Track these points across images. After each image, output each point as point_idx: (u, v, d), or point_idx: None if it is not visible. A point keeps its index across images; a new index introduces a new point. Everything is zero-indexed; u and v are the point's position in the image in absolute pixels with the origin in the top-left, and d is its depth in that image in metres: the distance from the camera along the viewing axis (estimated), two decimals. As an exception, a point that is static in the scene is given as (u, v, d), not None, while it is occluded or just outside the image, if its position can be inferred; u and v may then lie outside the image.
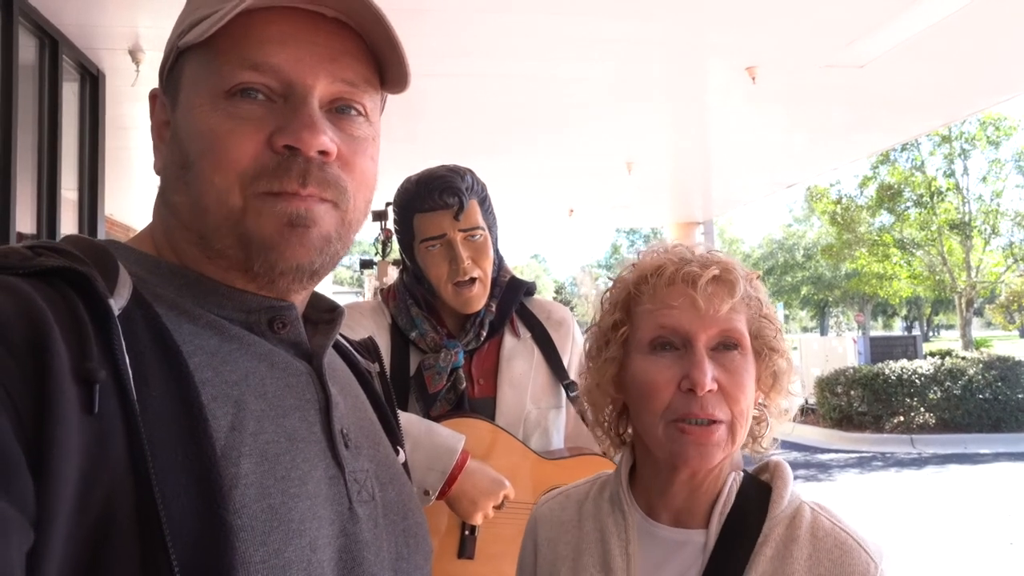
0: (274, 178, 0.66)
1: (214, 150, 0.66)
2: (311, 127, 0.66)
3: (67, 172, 4.20)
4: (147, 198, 0.69)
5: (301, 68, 0.67)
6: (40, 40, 3.96)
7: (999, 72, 5.31)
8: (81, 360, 0.54)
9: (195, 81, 0.68)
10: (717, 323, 0.92)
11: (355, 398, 0.80)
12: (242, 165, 0.66)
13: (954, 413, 10.94)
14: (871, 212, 18.63)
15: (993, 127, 17.69)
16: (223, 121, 0.66)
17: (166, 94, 0.73)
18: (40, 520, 0.49)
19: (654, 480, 0.99)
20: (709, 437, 0.90)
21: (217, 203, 0.66)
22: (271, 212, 0.66)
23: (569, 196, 9.74)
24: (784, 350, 0.98)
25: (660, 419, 0.93)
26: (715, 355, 0.93)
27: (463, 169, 1.64)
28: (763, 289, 0.99)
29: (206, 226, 0.67)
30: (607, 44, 4.54)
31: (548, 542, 1.05)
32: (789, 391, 1.00)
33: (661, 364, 0.93)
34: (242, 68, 0.66)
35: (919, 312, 42.26)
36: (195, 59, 0.69)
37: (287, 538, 0.61)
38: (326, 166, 0.68)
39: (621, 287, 1.01)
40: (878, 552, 0.92)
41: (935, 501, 7.57)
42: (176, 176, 0.69)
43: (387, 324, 1.69)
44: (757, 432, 1.02)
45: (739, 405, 0.92)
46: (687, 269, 0.95)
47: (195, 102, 0.67)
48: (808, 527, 0.93)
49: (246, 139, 0.66)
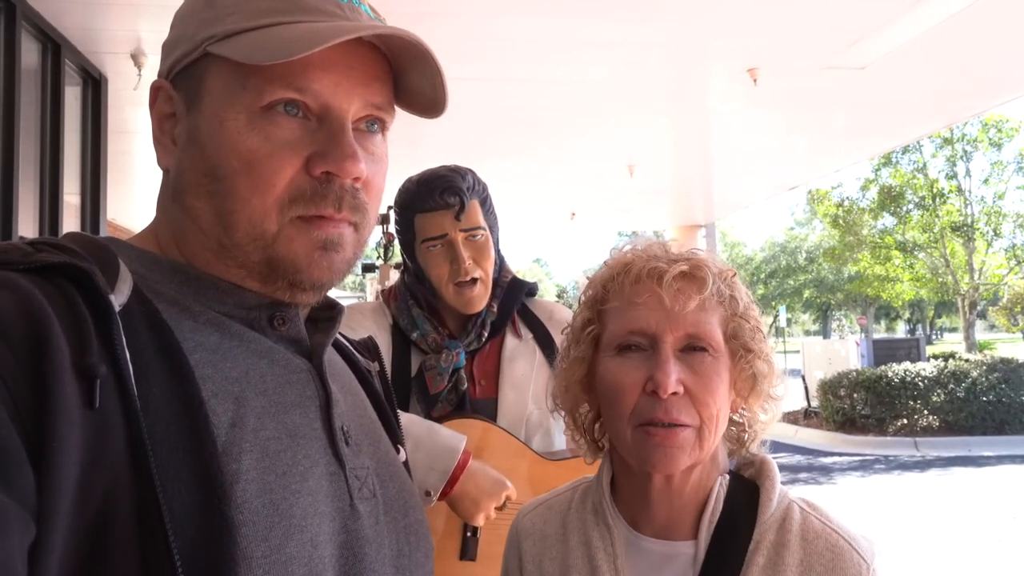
0: (312, 203, 0.67)
1: (250, 171, 0.66)
2: (353, 157, 0.67)
3: (69, 176, 4.21)
4: (149, 202, 0.68)
5: (339, 93, 0.68)
6: (42, 44, 3.97)
7: (1000, 74, 5.31)
8: (81, 355, 0.54)
9: (226, 92, 0.67)
10: (684, 323, 0.88)
11: (355, 396, 0.80)
12: (279, 190, 0.66)
13: (958, 416, 10.91)
14: (873, 214, 18.63)
15: (995, 129, 17.70)
16: (262, 143, 0.66)
17: (177, 89, 0.71)
18: (41, 514, 0.49)
19: (634, 490, 0.95)
20: (673, 440, 0.86)
21: (250, 223, 0.67)
22: (306, 238, 0.68)
23: (571, 200, 9.74)
24: (763, 351, 0.93)
25: (628, 423, 0.89)
26: (683, 356, 0.89)
27: (464, 169, 1.64)
28: (740, 287, 0.94)
29: (231, 239, 0.68)
30: (608, 47, 4.54)
31: (533, 558, 1.01)
32: (771, 395, 0.95)
33: (628, 365, 0.90)
34: (285, 90, 0.66)
35: (922, 314, 42.20)
36: (228, 69, 0.67)
37: (288, 533, 0.61)
38: (358, 192, 0.69)
39: (591, 286, 0.98)
40: (870, 551, 0.90)
41: (939, 504, 7.54)
42: (198, 183, 0.68)
43: (388, 325, 1.69)
44: (744, 437, 0.98)
45: (708, 409, 0.87)
46: (653, 265, 0.91)
47: (227, 114, 0.67)
48: (798, 530, 0.91)
49: (285, 164, 0.66)
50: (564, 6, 3.98)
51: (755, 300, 0.97)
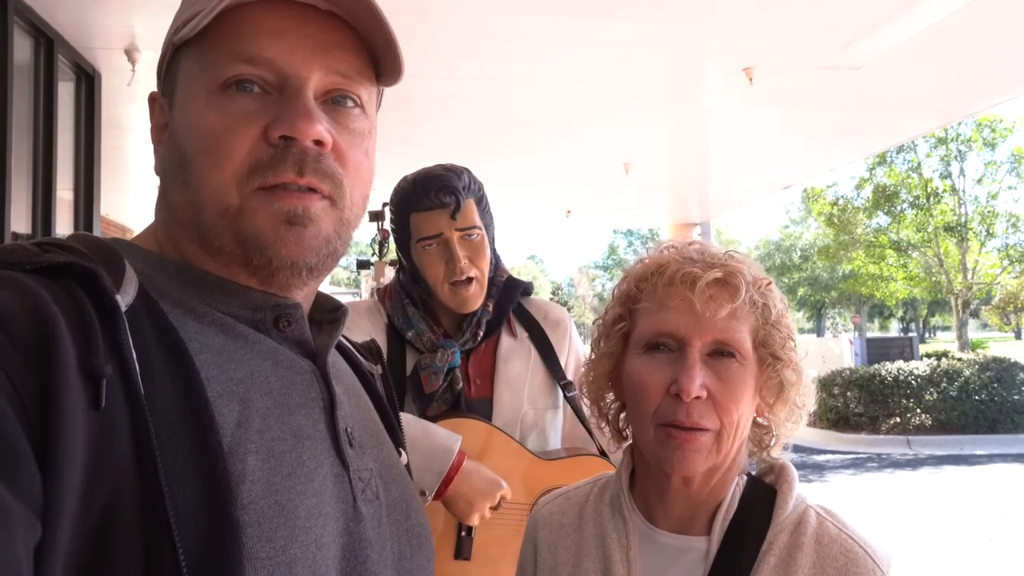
0: (269, 170, 0.65)
1: (210, 149, 0.66)
2: (306, 116, 0.66)
3: (62, 172, 4.19)
4: (143, 199, 0.68)
5: (295, 60, 0.67)
6: (35, 39, 3.95)
7: (995, 74, 5.32)
8: (88, 355, 0.54)
9: (190, 78, 0.69)
10: (714, 329, 0.89)
11: (358, 398, 0.80)
12: (237, 162, 0.65)
13: (950, 414, 10.96)
14: (868, 214, 18.68)
15: (989, 129, 17.75)
16: (219, 118, 0.66)
17: (163, 95, 0.73)
18: (47, 514, 0.49)
19: (652, 485, 0.97)
20: (692, 443, 0.88)
21: (212, 201, 0.66)
22: (268, 210, 0.66)
23: (566, 197, 9.74)
24: (791, 360, 0.93)
25: (650, 422, 0.91)
26: (710, 361, 0.90)
27: (460, 168, 1.64)
28: (775, 296, 0.94)
29: (203, 224, 0.67)
30: (604, 46, 4.54)
31: (548, 546, 1.03)
32: (796, 403, 0.96)
33: (654, 366, 0.91)
34: (236, 61, 0.66)
35: (915, 313, 42.34)
36: (189, 56, 0.69)
37: (293, 535, 0.61)
38: (322, 157, 0.67)
39: (625, 281, 0.99)
40: (886, 559, 0.90)
41: (931, 502, 7.57)
42: (174, 175, 0.69)
43: (383, 324, 1.68)
44: (765, 441, 0.99)
45: (730, 416, 0.89)
46: (687, 269, 0.91)
47: (190, 99, 0.68)
48: (813, 533, 0.91)
49: (241, 135, 0.65)
50: (560, 5, 3.97)
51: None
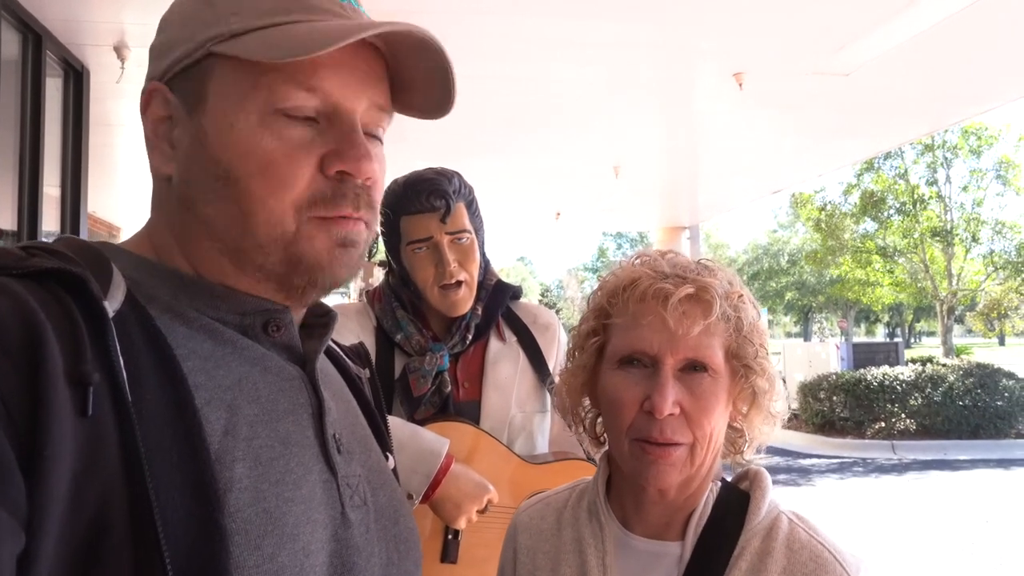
0: (332, 205, 0.68)
1: (266, 173, 0.66)
2: (367, 156, 0.69)
3: (50, 168, 4.15)
4: (130, 196, 0.67)
5: (347, 93, 0.69)
6: (23, 35, 3.92)
7: (983, 82, 5.37)
8: (75, 362, 0.54)
9: (236, 93, 0.67)
10: (686, 347, 0.90)
11: (346, 403, 0.80)
12: (298, 191, 0.67)
13: (934, 419, 11.03)
14: (855, 219, 18.82)
15: (975, 136, 17.92)
16: (277, 144, 0.66)
17: (173, 91, 0.70)
18: (32, 522, 0.49)
19: (628, 493, 0.98)
20: (667, 458, 0.90)
21: (268, 225, 0.67)
22: (326, 236, 0.68)
23: (556, 199, 9.75)
24: (765, 369, 0.94)
25: (624, 436, 0.92)
26: (683, 376, 0.91)
27: (450, 172, 1.64)
28: (747, 308, 0.94)
29: (249, 243, 0.67)
30: (595, 47, 4.55)
31: (527, 551, 1.04)
32: (770, 412, 0.97)
33: (628, 381, 0.92)
34: (298, 89, 0.66)
35: (901, 319, 42.64)
36: (235, 69, 0.67)
37: (281, 542, 0.61)
38: (369, 190, 0.71)
39: (599, 294, 1.00)
40: (855, 566, 0.91)
41: (914, 507, 7.63)
42: (209, 188, 0.67)
43: (372, 326, 1.68)
44: (739, 444, 1.00)
45: (703, 429, 0.90)
46: (659, 285, 0.91)
47: (238, 115, 0.66)
48: (784, 539, 0.92)
49: (302, 165, 0.67)
50: (552, 6, 3.97)
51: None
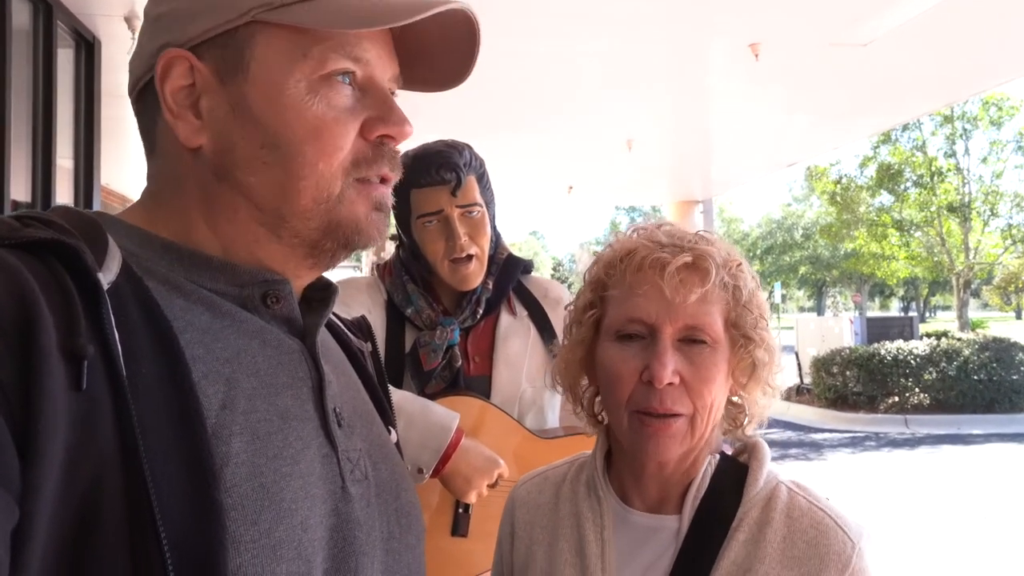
0: (372, 166, 0.71)
1: (320, 138, 0.67)
2: (407, 120, 0.73)
3: (62, 141, 4.16)
4: (143, 168, 0.66)
5: (380, 65, 0.72)
6: (34, 5, 3.90)
7: (1003, 53, 5.27)
8: (69, 336, 0.53)
9: (285, 60, 0.67)
10: (684, 315, 0.89)
11: (347, 377, 0.79)
12: (344, 154, 0.69)
13: (948, 394, 10.98)
14: (871, 192, 18.62)
15: (995, 107, 17.63)
16: (327, 109, 0.68)
17: (202, 59, 0.67)
18: (26, 497, 0.48)
19: (627, 467, 0.98)
20: (666, 430, 0.89)
21: (317, 189, 0.68)
22: (365, 199, 0.71)
23: (568, 173, 9.70)
24: (763, 340, 0.93)
25: (624, 409, 0.91)
26: (681, 347, 0.90)
27: (461, 144, 1.62)
28: (746, 276, 0.94)
29: (295, 207, 0.68)
30: (609, 21, 4.49)
31: (525, 525, 1.04)
32: (769, 384, 0.96)
33: (626, 353, 0.91)
34: (344, 58, 0.69)
35: (916, 293, 42.35)
36: (283, 36, 0.67)
37: (279, 517, 0.60)
38: (397, 155, 0.74)
39: (595, 266, 0.99)
40: (857, 531, 0.90)
41: (927, 481, 7.62)
42: (253, 156, 0.67)
43: (383, 300, 1.68)
44: (740, 420, 0.99)
45: (703, 400, 0.89)
46: (656, 255, 0.90)
47: (287, 82, 0.67)
48: (784, 508, 0.92)
49: (350, 128, 0.69)
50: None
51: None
